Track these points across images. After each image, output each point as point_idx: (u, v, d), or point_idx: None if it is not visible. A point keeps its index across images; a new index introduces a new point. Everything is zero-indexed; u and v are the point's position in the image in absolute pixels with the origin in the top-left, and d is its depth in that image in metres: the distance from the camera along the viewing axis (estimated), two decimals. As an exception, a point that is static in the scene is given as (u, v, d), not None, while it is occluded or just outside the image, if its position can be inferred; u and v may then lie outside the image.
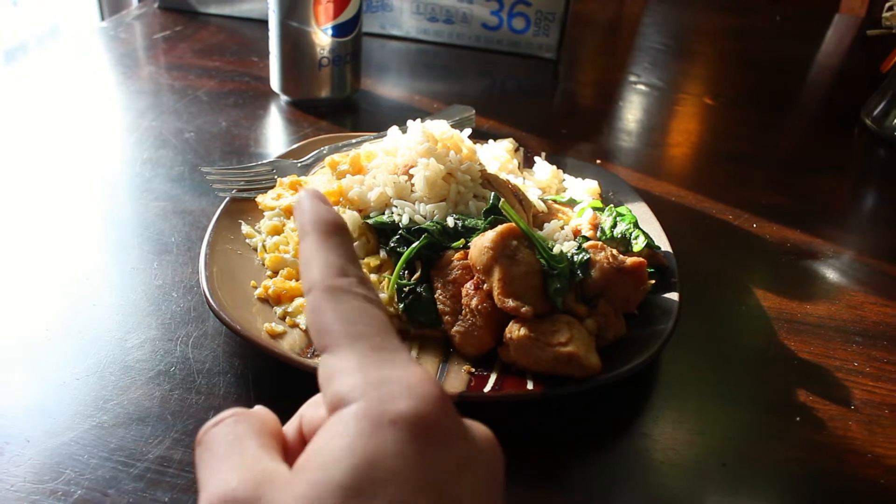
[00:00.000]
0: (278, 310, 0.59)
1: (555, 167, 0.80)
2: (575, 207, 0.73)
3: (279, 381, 0.55)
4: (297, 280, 0.61)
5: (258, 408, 0.32)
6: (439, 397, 0.25)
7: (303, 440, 0.32)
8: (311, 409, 0.33)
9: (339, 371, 0.26)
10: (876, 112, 1.08)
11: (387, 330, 0.28)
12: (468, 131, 0.77)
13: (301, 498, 0.24)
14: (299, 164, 0.77)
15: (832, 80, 1.41)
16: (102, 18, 1.59)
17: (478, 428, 0.28)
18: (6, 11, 1.53)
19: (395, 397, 0.25)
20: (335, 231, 0.30)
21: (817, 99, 1.32)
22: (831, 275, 0.76)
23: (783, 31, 1.62)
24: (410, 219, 0.63)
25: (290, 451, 0.30)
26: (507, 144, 0.82)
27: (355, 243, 0.64)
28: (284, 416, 0.52)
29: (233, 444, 0.28)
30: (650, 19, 1.66)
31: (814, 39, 1.59)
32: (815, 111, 1.25)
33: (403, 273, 0.60)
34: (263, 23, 0.97)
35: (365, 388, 0.25)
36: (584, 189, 0.76)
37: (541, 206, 0.71)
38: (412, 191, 0.65)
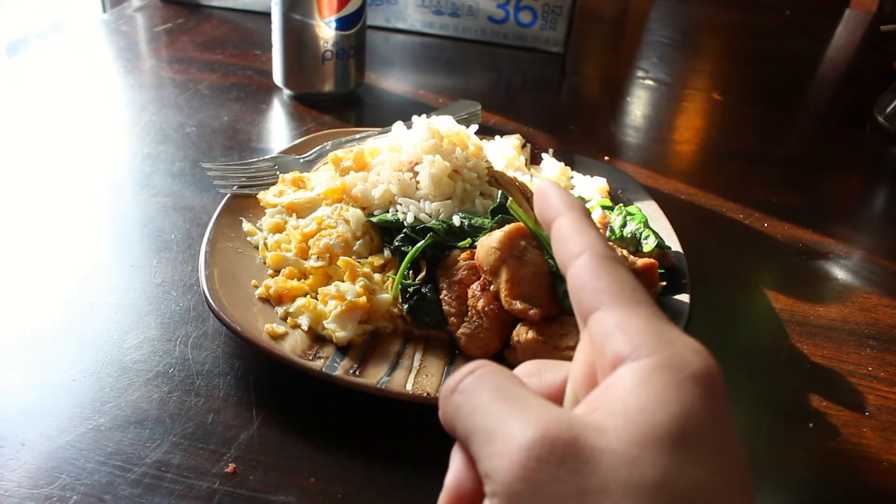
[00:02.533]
0: (279, 310, 0.57)
1: (563, 164, 0.79)
2: (583, 206, 0.71)
3: (280, 383, 0.54)
4: (298, 279, 0.60)
5: None
6: (716, 360, 0.26)
7: None
8: (534, 378, 0.31)
9: (622, 329, 0.26)
10: (888, 109, 1.07)
11: (656, 303, 0.28)
12: (474, 127, 0.76)
13: (627, 440, 0.23)
14: (302, 160, 0.76)
15: (843, 76, 1.39)
16: (104, 11, 1.58)
17: None
18: (8, 5, 1.52)
19: (687, 356, 0.25)
20: (588, 213, 0.31)
21: (828, 96, 1.30)
22: (844, 276, 0.74)
23: (793, 26, 1.60)
24: (415, 217, 0.62)
25: None
26: (514, 141, 0.80)
27: (358, 242, 0.62)
28: (287, 420, 0.51)
29: (505, 390, 0.26)
30: (658, 14, 1.64)
31: (824, 35, 1.57)
32: (825, 108, 1.24)
33: (408, 273, 0.59)
34: (266, 15, 0.96)
35: (657, 346, 0.25)
36: (593, 187, 0.75)
37: (548, 204, 0.69)
38: (417, 188, 0.64)
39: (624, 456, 0.23)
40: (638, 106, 1.15)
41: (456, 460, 0.28)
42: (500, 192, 0.62)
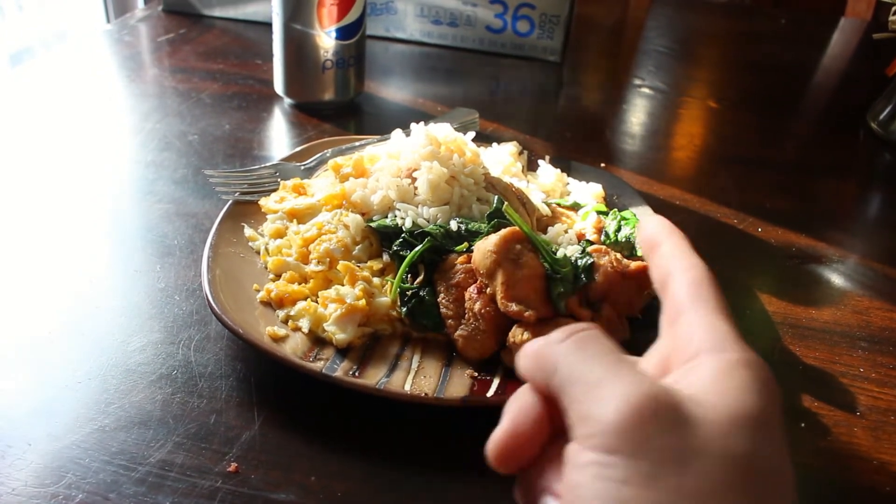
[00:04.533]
0: (280, 313, 0.59)
1: (559, 170, 0.80)
2: (579, 211, 0.73)
3: (281, 385, 0.55)
4: (299, 283, 0.61)
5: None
6: None
7: None
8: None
9: (713, 327, 0.30)
10: (882, 116, 1.08)
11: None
12: (472, 134, 0.77)
13: (722, 414, 0.27)
14: (302, 167, 0.77)
15: (838, 83, 1.40)
16: (108, 21, 1.60)
17: None
18: (12, 16, 1.53)
19: (761, 362, 0.29)
20: (687, 240, 0.36)
21: (822, 102, 1.31)
22: (836, 279, 0.75)
23: (788, 34, 1.62)
24: (413, 222, 0.63)
25: None
26: (510, 148, 0.81)
27: (357, 246, 0.64)
28: (288, 420, 0.52)
29: (614, 353, 0.30)
30: (654, 22, 1.66)
31: (819, 43, 1.59)
32: (820, 115, 1.25)
33: (406, 277, 0.60)
34: (267, 25, 0.97)
35: (741, 347, 0.29)
36: (588, 193, 0.76)
37: (544, 209, 0.71)
38: (415, 194, 0.65)
39: (719, 427, 0.26)
40: (634, 114, 1.16)
41: (516, 407, 0.32)
42: (496, 197, 0.63)
